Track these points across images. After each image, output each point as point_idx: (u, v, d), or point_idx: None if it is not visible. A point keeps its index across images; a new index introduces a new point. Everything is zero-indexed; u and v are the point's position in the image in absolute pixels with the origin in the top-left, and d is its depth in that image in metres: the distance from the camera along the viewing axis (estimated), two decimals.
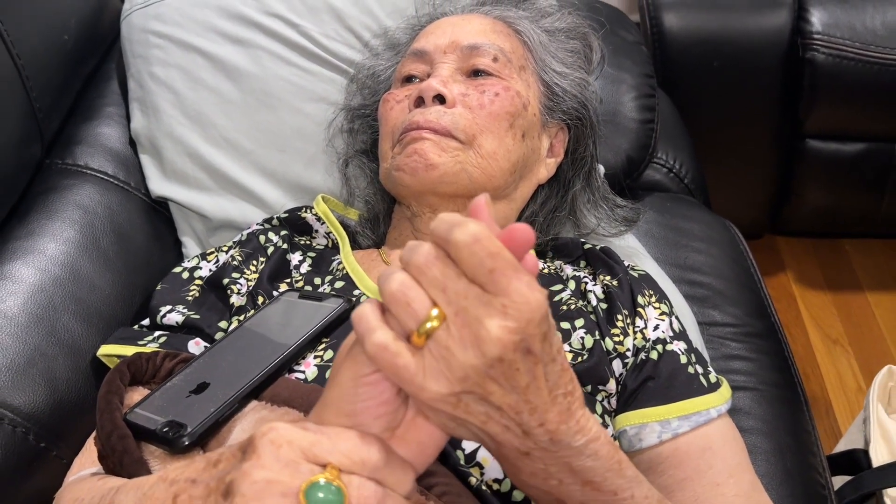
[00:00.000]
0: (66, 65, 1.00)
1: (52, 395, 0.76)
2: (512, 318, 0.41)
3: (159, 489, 0.47)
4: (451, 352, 0.41)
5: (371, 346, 0.42)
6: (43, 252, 0.85)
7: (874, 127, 1.61)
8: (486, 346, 0.41)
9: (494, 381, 0.42)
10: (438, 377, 0.41)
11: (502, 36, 0.87)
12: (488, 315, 0.41)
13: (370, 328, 0.42)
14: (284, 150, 0.99)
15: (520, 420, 0.44)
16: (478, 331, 0.41)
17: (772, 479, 0.88)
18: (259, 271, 0.83)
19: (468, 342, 0.41)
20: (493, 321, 0.41)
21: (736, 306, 1.05)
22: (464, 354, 0.41)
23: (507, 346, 0.41)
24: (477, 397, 0.43)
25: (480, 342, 0.41)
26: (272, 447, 0.42)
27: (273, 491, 0.41)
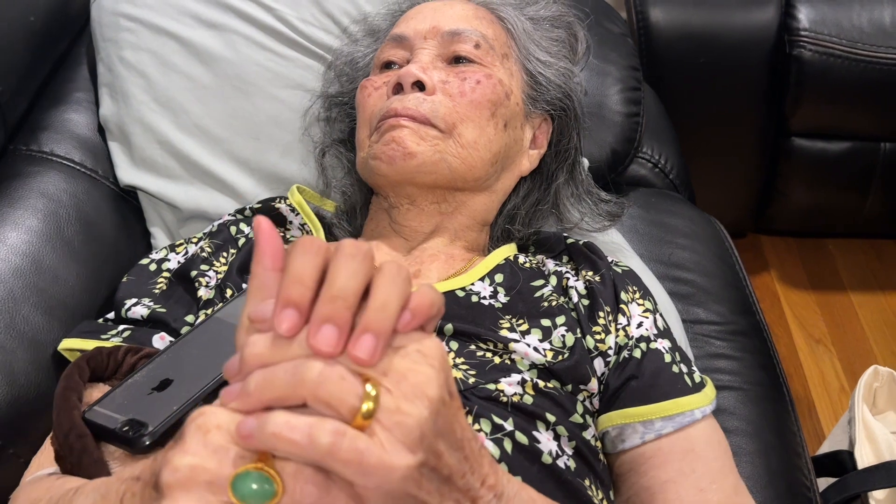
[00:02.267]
0: (32, 47, 0.96)
1: (10, 391, 0.73)
2: (433, 359, 0.41)
3: (112, 488, 0.45)
4: (403, 411, 0.39)
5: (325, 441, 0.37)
6: (3, 241, 0.82)
7: (859, 125, 1.61)
8: (429, 389, 0.40)
9: (441, 437, 0.41)
10: (399, 448, 0.38)
11: (485, 22, 0.85)
12: (416, 362, 0.40)
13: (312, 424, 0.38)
14: (259, 138, 0.96)
15: (467, 486, 0.43)
16: (415, 378, 0.40)
17: (756, 481, 0.87)
18: (229, 263, 0.80)
19: (412, 394, 0.39)
20: (422, 365, 0.40)
21: (721, 304, 1.04)
22: (415, 407, 0.39)
23: (441, 385, 0.40)
24: (430, 468, 0.41)
25: (422, 388, 0.39)
26: (199, 433, 0.39)
27: (198, 479, 0.38)
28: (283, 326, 0.39)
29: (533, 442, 0.64)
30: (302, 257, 0.40)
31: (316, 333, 0.39)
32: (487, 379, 0.67)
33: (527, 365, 0.69)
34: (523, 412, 0.66)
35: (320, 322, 0.39)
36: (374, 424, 0.38)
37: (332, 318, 0.39)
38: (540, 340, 0.71)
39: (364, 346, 0.39)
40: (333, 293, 0.39)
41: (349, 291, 0.40)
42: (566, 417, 0.68)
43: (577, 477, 0.65)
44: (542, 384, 0.68)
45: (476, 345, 0.70)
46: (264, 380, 0.39)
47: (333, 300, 0.39)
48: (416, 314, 0.41)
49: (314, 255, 0.40)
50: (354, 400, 0.38)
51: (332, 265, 0.40)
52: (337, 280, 0.40)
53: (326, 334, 0.39)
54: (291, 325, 0.39)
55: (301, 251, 0.40)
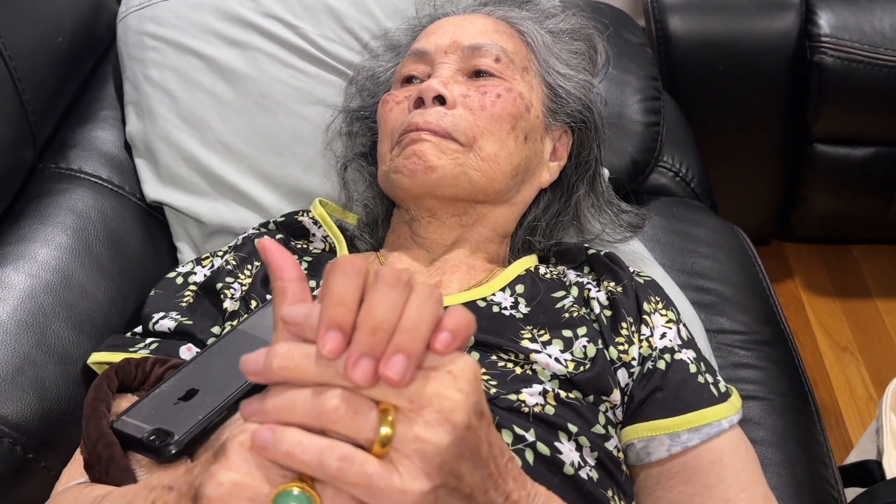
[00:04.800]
0: (60, 67, 0.98)
1: (41, 405, 0.74)
2: (463, 382, 0.41)
3: (140, 496, 0.45)
4: (422, 439, 0.39)
5: (333, 465, 0.38)
6: (34, 258, 0.83)
7: (883, 131, 1.59)
8: (455, 416, 0.40)
9: (464, 459, 0.41)
10: (416, 474, 0.39)
11: (505, 36, 0.85)
12: (445, 386, 0.40)
13: (323, 448, 0.39)
14: (282, 153, 0.97)
15: (489, 501, 0.43)
16: (441, 404, 0.40)
17: (782, 492, 0.86)
18: (253, 276, 0.81)
19: (435, 421, 0.40)
20: (450, 389, 0.40)
21: (744, 313, 1.03)
22: (437, 434, 0.39)
23: (469, 409, 0.41)
24: (449, 489, 0.41)
25: (448, 414, 0.40)
26: (242, 449, 0.40)
27: (240, 495, 0.39)
28: (328, 348, 0.39)
29: (555, 453, 0.64)
30: (343, 279, 0.40)
31: (355, 366, 0.39)
32: (509, 389, 0.67)
33: (548, 375, 0.69)
34: (545, 423, 0.66)
35: (359, 354, 0.39)
36: (392, 452, 0.39)
37: (370, 351, 0.39)
38: (561, 351, 0.72)
39: (395, 367, 0.39)
40: (374, 324, 0.39)
41: (389, 324, 0.40)
42: (588, 428, 0.68)
43: (599, 488, 0.65)
44: (564, 395, 0.68)
45: (497, 355, 0.71)
46: (283, 405, 0.40)
47: (374, 332, 0.39)
48: (457, 335, 0.41)
49: (355, 277, 0.41)
50: (369, 433, 0.39)
51: (372, 294, 0.40)
52: (377, 311, 0.40)
53: (365, 368, 0.39)
54: (335, 348, 0.39)
55: (342, 272, 0.41)
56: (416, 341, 0.40)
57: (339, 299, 0.40)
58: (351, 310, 0.40)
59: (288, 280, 0.43)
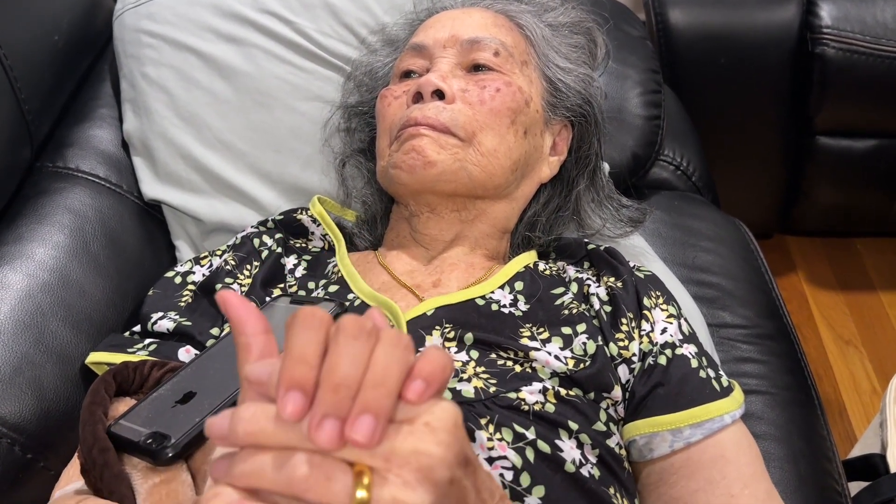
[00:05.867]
0: (56, 66, 0.98)
1: (40, 405, 0.74)
2: (442, 434, 0.38)
3: None
4: (402, 501, 0.36)
5: None
6: (31, 257, 0.83)
7: (886, 123, 1.59)
8: (435, 474, 0.37)
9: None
10: None
11: (504, 30, 0.85)
12: (422, 441, 0.37)
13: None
14: (280, 150, 0.97)
15: None
16: (419, 462, 0.37)
17: (786, 487, 0.86)
18: (253, 276, 0.81)
19: (414, 481, 0.37)
20: (428, 444, 0.37)
21: (746, 307, 1.03)
22: (416, 497, 0.37)
23: (451, 464, 0.38)
24: None
25: (427, 473, 0.37)
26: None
27: None
28: (288, 410, 0.37)
29: (556, 450, 0.64)
30: (305, 333, 0.38)
31: (318, 428, 0.36)
32: (508, 388, 0.67)
33: (548, 373, 0.69)
34: (545, 421, 0.65)
35: (321, 415, 0.36)
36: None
37: (334, 412, 0.37)
38: (561, 348, 0.71)
39: (362, 429, 0.36)
40: (337, 381, 0.37)
41: (352, 380, 0.37)
42: (589, 426, 0.67)
43: (601, 485, 0.65)
44: (564, 392, 0.68)
45: (497, 353, 0.70)
46: (252, 472, 0.38)
47: (336, 390, 0.37)
48: (431, 382, 0.39)
49: (317, 331, 0.38)
50: (344, 499, 0.36)
51: (334, 348, 0.38)
52: (339, 367, 0.37)
53: (328, 430, 0.36)
54: (297, 409, 0.37)
55: (303, 326, 0.38)
56: (384, 397, 0.37)
57: (298, 356, 0.37)
58: (312, 366, 0.37)
59: (251, 335, 0.41)
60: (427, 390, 0.38)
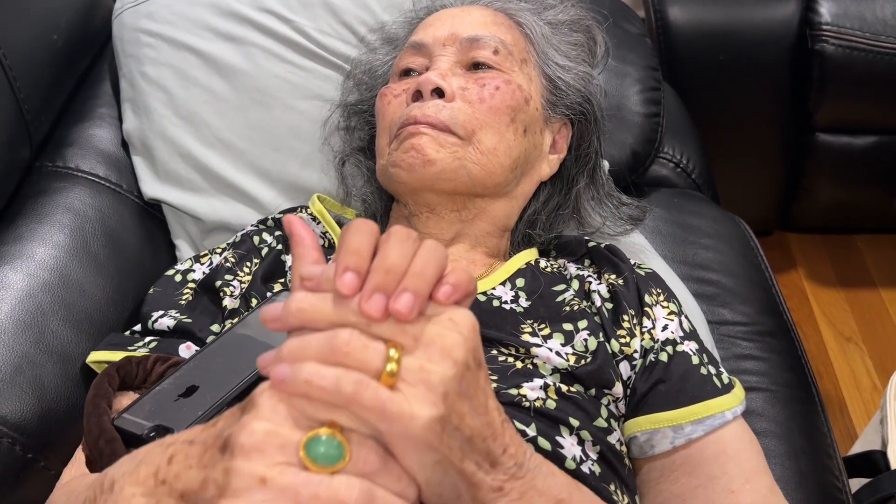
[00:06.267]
0: (55, 65, 0.98)
1: (40, 404, 0.74)
2: (463, 327, 0.44)
3: (155, 453, 0.46)
4: (427, 370, 0.42)
5: (349, 389, 0.41)
6: (31, 256, 0.83)
7: (886, 119, 1.58)
8: (455, 353, 0.43)
9: (465, 399, 0.44)
10: (423, 401, 0.42)
11: (503, 28, 0.85)
12: (446, 328, 0.44)
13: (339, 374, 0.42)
14: (279, 149, 0.97)
15: (487, 449, 0.46)
16: (443, 342, 0.43)
17: (786, 484, 0.86)
18: (253, 273, 0.81)
19: (437, 356, 0.43)
20: (451, 331, 0.44)
21: (747, 304, 1.03)
22: (440, 367, 0.43)
23: (468, 350, 0.44)
24: (453, 427, 0.44)
25: (449, 351, 0.43)
26: (272, 401, 0.43)
27: (272, 442, 0.41)
28: (345, 286, 0.43)
29: (556, 447, 0.64)
30: (358, 234, 0.45)
31: (368, 300, 0.43)
32: (509, 384, 0.67)
33: (549, 370, 0.69)
34: (546, 417, 0.65)
35: (372, 290, 0.43)
36: (399, 382, 0.42)
37: (383, 288, 0.43)
38: (562, 345, 0.71)
39: (403, 302, 0.43)
40: (387, 266, 0.43)
41: (400, 267, 0.44)
42: (590, 422, 0.67)
43: (601, 482, 0.65)
44: (565, 389, 0.68)
45: (498, 350, 0.70)
46: (298, 346, 0.43)
47: (387, 272, 0.43)
48: (457, 287, 0.45)
49: (368, 234, 0.45)
50: (378, 363, 0.42)
51: (385, 245, 0.44)
52: (389, 257, 0.44)
53: (377, 301, 0.43)
54: (352, 285, 0.43)
55: (357, 230, 0.45)
56: (423, 284, 0.44)
57: (354, 249, 0.44)
58: (365, 258, 0.44)
59: (309, 247, 0.47)
60: (454, 294, 0.45)
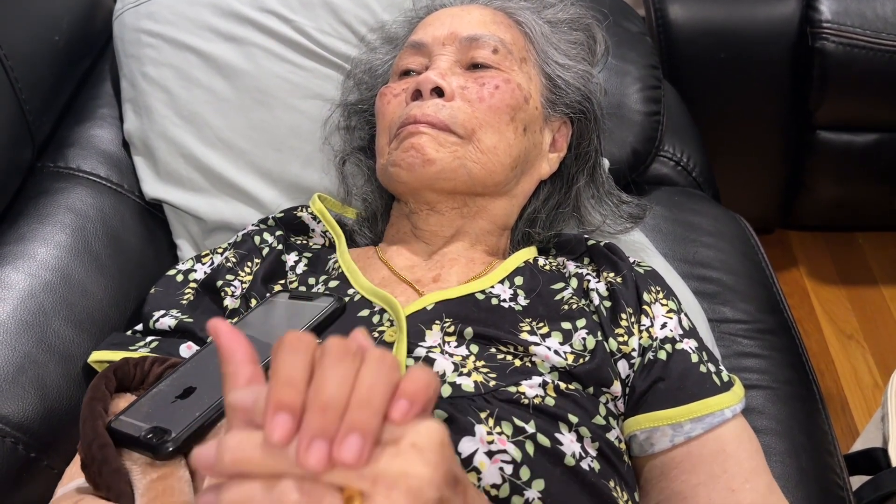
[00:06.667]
0: (57, 66, 0.98)
1: (43, 404, 0.75)
2: (429, 453, 0.38)
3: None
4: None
5: None
6: (33, 257, 0.83)
7: (887, 117, 1.58)
8: (424, 495, 0.37)
9: None
10: None
11: (503, 27, 0.85)
12: (410, 462, 0.37)
13: None
14: (280, 149, 0.97)
15: None
16: (408, 483, 0.37)
17: (787, 481, 0.86)
18: (253, 273, 0.81)
19: (404, 501, 0.37)
20: (415, 465, 0.37)
21: (747, 302, 1.03)
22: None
23: (439, 484, 0.38)
24: None
25: (417, 493, 0.37)
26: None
27: None
28: (277, 433, 0.37)
29: (555, 444, 0.64)
30: (291, 356, 0.38)
31: (307, 450, 0.36)
32: (508, 382, 0.67)
33: (547, 368, 0.69)
34: (545, 414, 0.66)
35: (310, 437, 0.36)
36: None
37: (322, 432, 0.37)
38: (560, 343, 0.71)
39: (350, 448, 0.36)
40: (324, 402, 0.37)
41: (339, 400, 0.37)
42: (589, 419, 0.67)
43: (601, 479, 0.65)
44: (564, 387, 0.68)
45: (496, 347, 0.70)
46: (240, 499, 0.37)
47: (324, 411, 0.37)
48: (415, 401, 0.39)
49: (303, 354, 0.39)
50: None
51: (320, 370, 0.38)
52: (325, 388, 0.37)
53: (317, 451, 0.36)
54: (285, 432, 0.37)
55: (289, 350, 0.39)
56: (371, 416, 0.37)
57: (286, 379, 0.38)
58: (300, 390, 0.38)
59: (240, 363, 0.41)
60: (411, 410, 0.38)
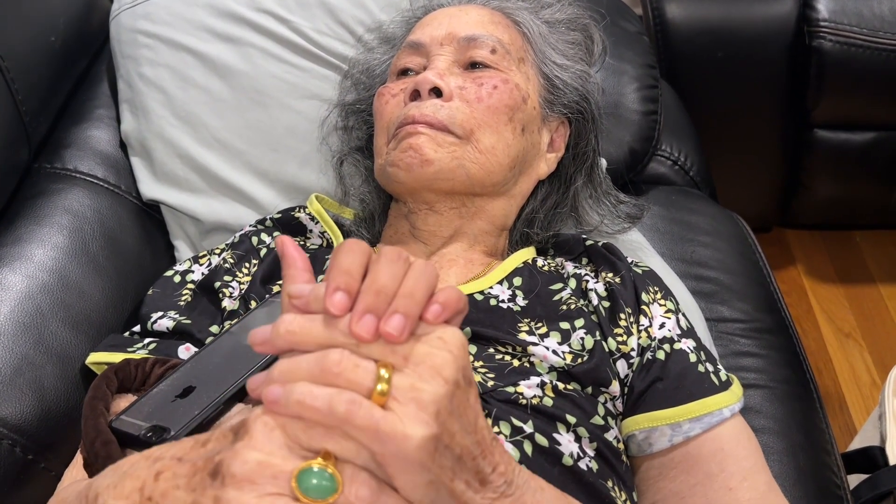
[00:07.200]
0: (53, 67, 0.98)
1: (40, 406, 0.74)
2: (452, 346, 0.44)
3: (140, 467, 0.46)
4: (418, 388, 0.42)
5: (342, 409, 0.41)
6: (30, 258, 0.83)
7: (884, 115, 1.58)
8: (445, 371, 0.43)
9: (455, 417, 0.44)
10: (415, 420, 0.42)
11: (501, 27, 0.85)
12: (436, 347, 0.44)
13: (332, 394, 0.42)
14: (277, 149, 0.97)
15: (477, 468, 0.46)
16: (433, 361, 0.43)
17: (785, 480, 0.86)
18: (252, 274, 0.81)
19: (427, 375, 0.43)
20: (440, 350, 0.44)
21: (745, 301, 1.03)
22: (430, 385, 0.43)
23: (458, 369, 0.44)
24: (444, 445, 0.43)
25: (439, 369, 0.43)
26: (266, 429, 0.42)
27: (264, 473, 0.41)
28: (336, 306, 0.43)
29: (553, 444, 0.64)
30: (349, 255, 0.45)
31: (359, 321, 0.43)
32: (506, 382, 0.67)
33: (546, 368, 0.69)
34: (543, 414, 0.66)
35: (363, 311, 0.43)
36: (390, 401, 0.42)
37: (373, 309, 0.43)
38: (559, 343, 0.71)
39: (394, 324, 0.43)
40: (377, 287, 0.44)
41: (390, 288, 0.44)
42: (587, 419, 0.68)
43: (599, 478, 0.65)
44: (562, 387, 0.68)
45: (495, 348, 0.70)
46: (289, 368, 0.43)
47: (378, 294, 0.43)
48: (446, 307, 0.45)
49: (360, 254, 0.45)
50: (369, 382, 0.42)
51: (376, 266, 0.45)
52: (380, 278, 0.44)
53: (368, 323, 0.43)
54: (342, 305, 0.43)
55: (348, 250, 0.45)
56: (413, 305, 0.44)
57: (345, 269, 0.44)
58: (356, 278, 0.44)
59: (301, 269, 0.47)
60: (443, 313, 0.45)
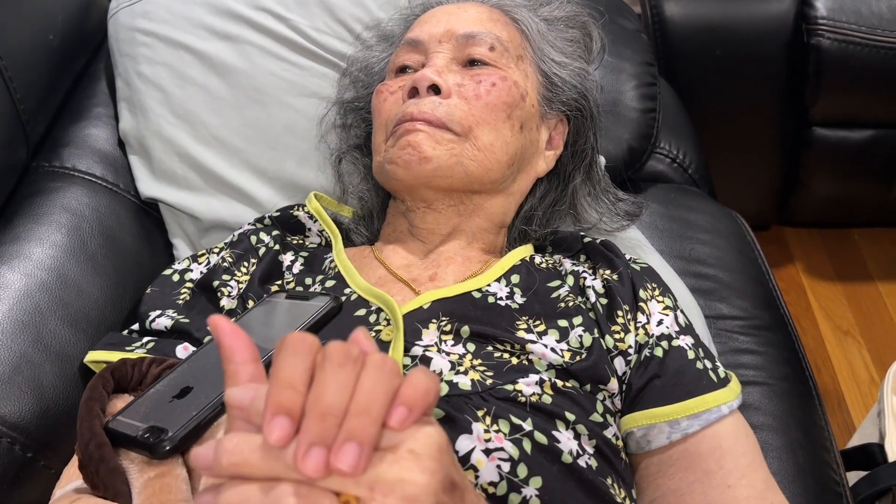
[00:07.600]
0: (51, 65, 0.98)
1: (39, 404, 0.74)
2: (427, 459, 0.38)
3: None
4: None
5: None
6: (29, 256, 0.83)
7: (882, 113, 1.59)
8: (420, 502, 0.37)
9: None
10: None
11: (499, 24, 0.85)
12: (406, 469, 0.37)
13: None
14: (275, 147, 0.97)
15: None
16: (404, 491, 0.37)
17: (784, 477, 0.86)
18: (250, 273, 0.81)
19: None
20: (413, 472, 0.37)
21: (743, 299, 1.03)
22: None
23: (436, 491, 0.38)
24: None
25: (413, 501, 0.37)
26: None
27: None
28: (275, 435, 0.37)
29: (552, 441, 0.64)
30: (292, 359, 0.38)
31: (304, 457, 0.36)
32: (505, 380, 0.67)
33: (544, 365, 0.69)
34: (542, 412, 0.66)
35: (308, 444, 0.36)
36: None
37: (320, 440, 0.36)
38: (557, 341, 0.71)
39: (347, 457, 0.36)
40: (322, 409, 0.37)
41: (338, 408, 0.37)
42: (586, 416, 0.68)
43: (598, 476, 0.65)
44: (561, 384, 0.68)
45: (493, 346, 0.70)
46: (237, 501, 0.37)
47: (323, 418, 0.37)
48: (414, 407, 0.39)
49: (304, 357, 0.38)
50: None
51: (320, 376, 0.38)
52: (325, 394, 0.37)
53: (315, 458, 0.36)
54: (283, 435, 0.37)
55: (291, 352, 0.38)
56: (369, 425, 0.37)
57: (286, 381, 0.37)
58: (300, 392, 0.37)
59: (240, 363, 0.41)
60: (410, 417, 0.38)
